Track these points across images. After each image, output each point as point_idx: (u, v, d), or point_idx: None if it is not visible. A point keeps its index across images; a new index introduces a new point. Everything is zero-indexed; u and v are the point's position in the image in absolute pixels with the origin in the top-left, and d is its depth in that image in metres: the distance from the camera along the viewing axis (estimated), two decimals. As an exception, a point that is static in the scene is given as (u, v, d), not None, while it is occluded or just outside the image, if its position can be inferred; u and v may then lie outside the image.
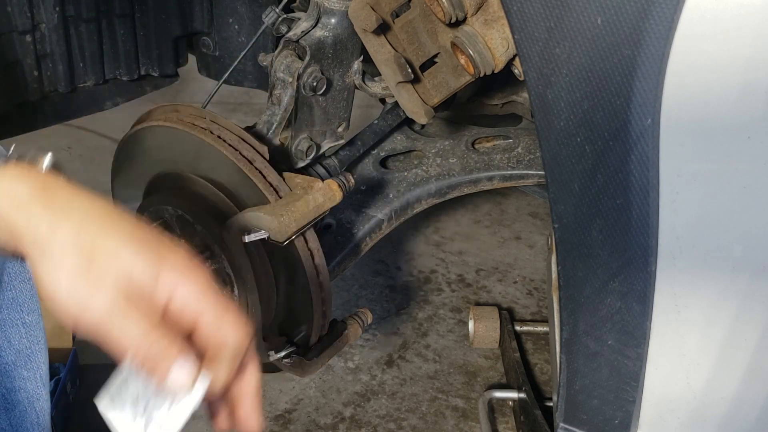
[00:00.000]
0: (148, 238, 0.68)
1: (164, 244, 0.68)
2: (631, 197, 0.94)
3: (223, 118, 1.18)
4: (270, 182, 1.14)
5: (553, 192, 1.00)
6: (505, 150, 1.58)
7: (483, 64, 1.18)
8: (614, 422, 1.12)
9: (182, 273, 0.67)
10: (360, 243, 1.43)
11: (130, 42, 1.65)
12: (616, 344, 1.05)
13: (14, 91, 1.53)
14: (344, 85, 1.31)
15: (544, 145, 0.98)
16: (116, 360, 0.69)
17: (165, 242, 0.69)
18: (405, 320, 2.04)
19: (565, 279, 1.06)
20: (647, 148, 0.90)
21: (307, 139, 1.31)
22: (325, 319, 1.21)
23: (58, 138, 2.79)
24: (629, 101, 0.88)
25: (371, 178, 1.50)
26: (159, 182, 1.28)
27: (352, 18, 1.17)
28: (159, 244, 0.68)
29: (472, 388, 1.83)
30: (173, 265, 0.67)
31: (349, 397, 1.80)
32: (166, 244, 0.68)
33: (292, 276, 1.18)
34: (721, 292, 0.98)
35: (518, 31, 0.94)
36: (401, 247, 2.31)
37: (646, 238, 0.95)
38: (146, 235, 0.68)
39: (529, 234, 2.40)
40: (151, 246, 0.67)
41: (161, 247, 0.68)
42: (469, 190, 1.55)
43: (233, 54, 1.70)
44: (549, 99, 0.94)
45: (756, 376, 1.02)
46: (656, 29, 0.84)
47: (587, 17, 0.87)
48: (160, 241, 0.68)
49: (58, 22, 1.52)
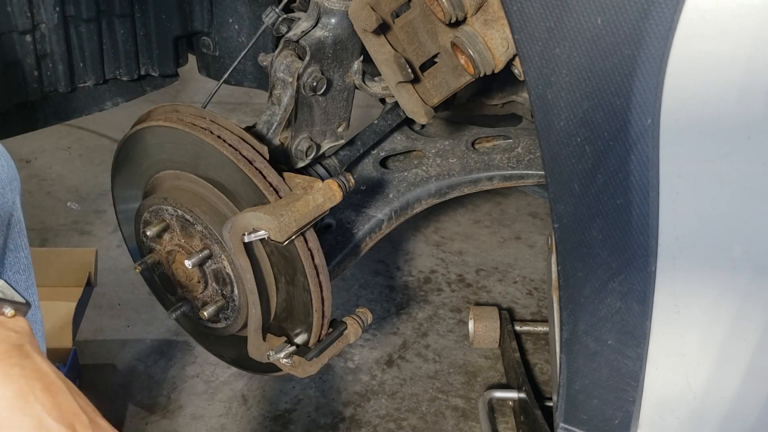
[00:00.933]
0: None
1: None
2: (631, 197, 0.94)
3: (223, 118, 1.18)
4: (270, 182, 1.14)
5: (553, 192, 1.00)
6: (505, 150, 1.58)
7: (483, 64, 1.18)
8: (614, 422, 1.12)
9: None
10: (360, 243, 1.43)
11: (130, 42, 1.65)
12: (616, 344, 1.05)
13: (14, 91, 1.53)
14: (344, 85, 1.31)
15: (544, 145, 0.98)
16: (116, 359, 0.69)
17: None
18: (405, 320, 2.04)
19: (565, 279, 1.06)
20: (647, 148, 0.90)
21: (307, 139, 1.31)
22: (325, 319, 1.21)
23: (58, 138, 2.79)
24: (629, 101, 0.88)
25: (371, 178, 1.50)
26: (159, 182, 1.28)
27: (352, 18, 1.17)
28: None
29: (472, 388, 1.83)
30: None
31: (349, 397, 1.80)
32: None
33: (292, 276, 1.18)
34: (721, 292, 0.98)
35: (518, 31, 0.94)
36: (401, 247, 2.31)
37: (646, 238, 0.95)
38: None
39: (529, 234, 2.40)
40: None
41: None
42: (469, 190, 1.55)
43: (233, 54, 1.70)
44: (549, 99, 0.94)
45: (756, 376, 1.02)
46: (656, 29, 0.84)
47: (587, 17, 0.87)
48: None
49: (58, 22, 1.52)
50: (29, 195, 2.49)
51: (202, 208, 1.19)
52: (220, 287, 1.23)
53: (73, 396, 0.68)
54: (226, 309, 1.24)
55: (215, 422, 1.72)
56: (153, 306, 1.97)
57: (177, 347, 1.91)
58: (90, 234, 2.34)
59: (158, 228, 1.23)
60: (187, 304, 1.30)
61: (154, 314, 1.99)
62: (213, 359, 1.42)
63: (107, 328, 1.96)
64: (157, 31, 1.67)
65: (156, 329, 1.96)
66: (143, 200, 1.28)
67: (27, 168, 2.64)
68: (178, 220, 1.22)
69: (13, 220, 1.00)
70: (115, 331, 1.96)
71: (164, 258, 1.28)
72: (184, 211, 1.20)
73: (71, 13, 1.54)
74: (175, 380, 1.82)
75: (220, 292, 1.23)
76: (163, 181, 1.27)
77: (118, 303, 2.05)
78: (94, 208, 2.45)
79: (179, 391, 1.79)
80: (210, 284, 1.23)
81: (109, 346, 1.91)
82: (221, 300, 1.23)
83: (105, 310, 2.02)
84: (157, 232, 1.24)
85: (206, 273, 1.22)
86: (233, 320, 1.25)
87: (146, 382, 1.81)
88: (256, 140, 1.17)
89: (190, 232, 1.22)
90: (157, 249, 1.28)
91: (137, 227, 1.30)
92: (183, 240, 1.23)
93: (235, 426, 1.71)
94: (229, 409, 1.75)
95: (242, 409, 1.75)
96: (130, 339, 1.93)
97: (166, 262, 1.29)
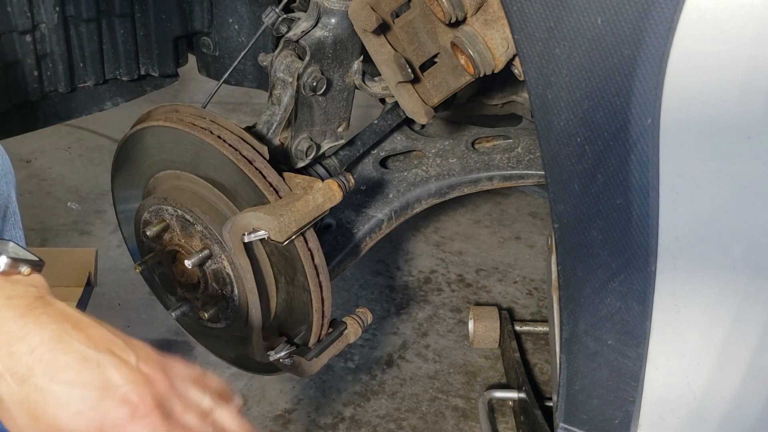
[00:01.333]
0: (99, 372, 0.66)
1: (119, 370, 0.67)
2: (631, 197, 0.94)
3: (223, 118, 1.18)
4: (270, 182, 1.14)
5: (553, 192, 1.00)
6: (505, 150, 1.58)
7: (483, 64, 1.18)
8: (614, 422, 1.12)
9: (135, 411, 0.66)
10: (360, 243, 1.43)
11: (130, 42, 1.65)
12: (616, 344, 1.05)
13: (14, 91, 1.53)
14: (344, 85, 1.31)
15: (544, 145, 0.98)
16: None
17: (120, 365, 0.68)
18: (405, 320, 2.04)
19: (565, 279, 1.06)
20: (647, 148, 0.90)
21: (307, 139, 1.31)
22: (325, 319, 1.21)
23: (58, 138, 2.79)
24: (629, 101, 0.88)
25: (371, 178, 1.50)
26: (159, 182, 1.28)
27: (352, 18, 1.17)
28: (111, 378, 0.66)
29: (472, 388, 1.83)
30: (125, 400, 0.66)
31: (349, 397, 1.79)
32: (121, 368, 0.67)
33: (292, 276, 1.18)
34: (721, 292, 0.98)
35: (518, 31, 0.94)
36: (401, 247, 2.31)
37: (646, 238, 0.95)
38: (99, 363, 0.67)
39: (529, 234, 2.40)
40: (99, 386, 0.66)
41: (114, 379, 0.66)
42: (469, 190, 1.55)
43: (233, 54, 1.70)
44: (549, 99, 0.94)
45: (756, 376, 1.02)
46: (656, 29, 0.84)
47: (587, 17, 0.87)
48: (115, 367, 0.67)
49: (58, 22, 1.52)
50: (29, 195, 2.49)
51: (202, 208, 1.19)
52: (220, 287, 1.23)
53: (102, 327, 0.71)
54: (226, 309, 1.24)
55: (215, 422, 1.72)
56: (153, 306, 1.97)
57: (177, 347, 1.91)
58: (90, 234, 2.34)
59: (158, 228, 1.23)
60: (187, 304, 1.30)
61: (154, 314, 1.99)
62: (213, 359, 1.42)
63: (107, 328, 1.96)
64: (157, 31, 1.66)
65: (156, 329, 1.96)
66: (143, 200, 1.28)
67: (27, 168, 2.64)
68: (178, 220, 1.22)
69: (9, 212, 1.01)
70: (115, 331, 1.95)
71: (164, 258, 1.28)
72: (184, 211, 1.20)
73: (71, 13, 1.54)
74: (175, 380, 1.82)
75: (220, 292, 1.23)
76: (163, 181, 1.27)
77: (118, 303, 2.05)
78: (94, 208, 2.45)
79: (179, 391, 1.79)
80: (210, 284, 1.23)
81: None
82: (221, 300, 1.23)
83: (105, 310, 2.02)
84: (157, 232, 1.24)
85: (206, 273, 1.22)
86: (233, 320, 1.25)
87: (146, 382, 1.81)
88: (256, 140, 1.17)
89: (190, 232, 1.22)
90: (157, 249, 1.28)
91: (137, 227, 1.30)
92: (183, 240, 1.23)
93: (235, 426, 1.71)
94: (229, 409, 1.75)
95: (242, 409, 1.75)
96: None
97: (166, 262, 1.29)
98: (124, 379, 0.67)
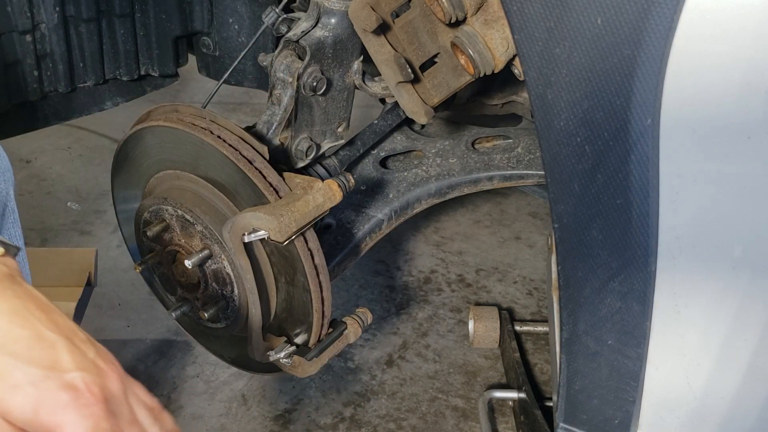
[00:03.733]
0: (51, 352, 0.63)
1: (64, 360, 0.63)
2: (631, 197, 0.94)
3: (223, 118, 1.18)
4: (270, 182, 1.14)
5: (553, 192, 1.00)
6: (505, 150, 1.58)
7: (483, 64, 1.18)
8: (614, 422, 1.12)
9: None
10: (360, 243, 1.43)
11: (130, 42, 1.65)
12: (616, 344, 1.05)
13: (14, 91, 1.53)
14: (344, 85, 1.31)
15: (544, 145, 0.98)
16: (116, 359, 0.68)
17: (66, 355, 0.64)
18: (405, 320, 2.04)
19: (565, 279, 1.06)
20: (647, 148, 0.90)
21: (307, 139, 1.31)
22: (325, 319, 1.21)
23: (58, 138, 2.79)
24: (629, 101, 0.88)
25: (371, 178, 1.50)
26: (159, 182, 1.28)
27: (352, 18, 1.17)
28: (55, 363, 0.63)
29: (472, 388, 1.83)
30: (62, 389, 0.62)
31: (349, 397, 1.80)
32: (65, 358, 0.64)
33: (292, 276, 1.18)
34: (721, 291, 0.98)
35: (518, 31, 0.94)
36: (401, 247, 2.31)
37: (646, 238, 0.95)
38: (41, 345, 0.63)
39: (529, 234, 2.40)
40: (46, 366, 0.62)
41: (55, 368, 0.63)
42: (469, 190, 1.55)
43: (233, 54, 1.70)
44: (549, 99, 0.94)
45: (756, 376, 1.02)
46: (656, 29, 0.84)
47: (587, 17, 0.87)
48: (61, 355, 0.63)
49: (58, 22, 1.52)
50: (29, 195, 2.49)
51: (202, 208, 1.19)
52: (220, 287, 1.23)
53: (71, 321, 0.69)
54: (226, 309, 1.24)
55: (215, 422, 1.72)
56: (153, 306, 1.97)
57: (177, 347, 1.91)
58: (90, 234, 2.34)
59: (158, 228, 1.23)
60: (187, 304, 1.30)
61: (154, 314, 1.99)
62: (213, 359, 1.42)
63: (107, 328, 1.96)
64: (157, 31, 1.67)
65: (156, 329, 1.96)
66: (143, 200, 1.28)
67: (27, 168, 2.64)
68: (178, 220, 1.22)
69: (7, 210, 1.01)
70: (115, 331, 1.96)
71: (164, 258, 1.28)
72: (184, 211, 1.20)
73: (71, 13, 1.54)
74: (175, 380, 1.82)
75: (220, 292, 1.23)
76: (163, 181, 1.27)
77: (118, 303, 2.05)
78: (94, 208, 2.45)
79: (179, 391, 1.79)
80: (210, 284, 1.23)
81: (109, 346, 1.88)
82: (221, 300, 1.23)
83: (105, 310, 2.02)
84: (157, 232, 1.24)
85: (206, 273, 1.22)
86: (233, 320, 1.25)
87: (146, 382, 1.81)
88: (256, 140, 1.17)
89: (190, 232, 1.22)
90: (157, 249, 1.28)
91: (137, 227, 1.30)
92: (183, 240, 1.23)
93: (235, 426, 1.71)
94: (229, 409, 1.75)
95: (242, 409, 1.75)
96: (130, 339, 1.93)
97: (166, 262, 1.29)
98: (75, 365, 0.64)
